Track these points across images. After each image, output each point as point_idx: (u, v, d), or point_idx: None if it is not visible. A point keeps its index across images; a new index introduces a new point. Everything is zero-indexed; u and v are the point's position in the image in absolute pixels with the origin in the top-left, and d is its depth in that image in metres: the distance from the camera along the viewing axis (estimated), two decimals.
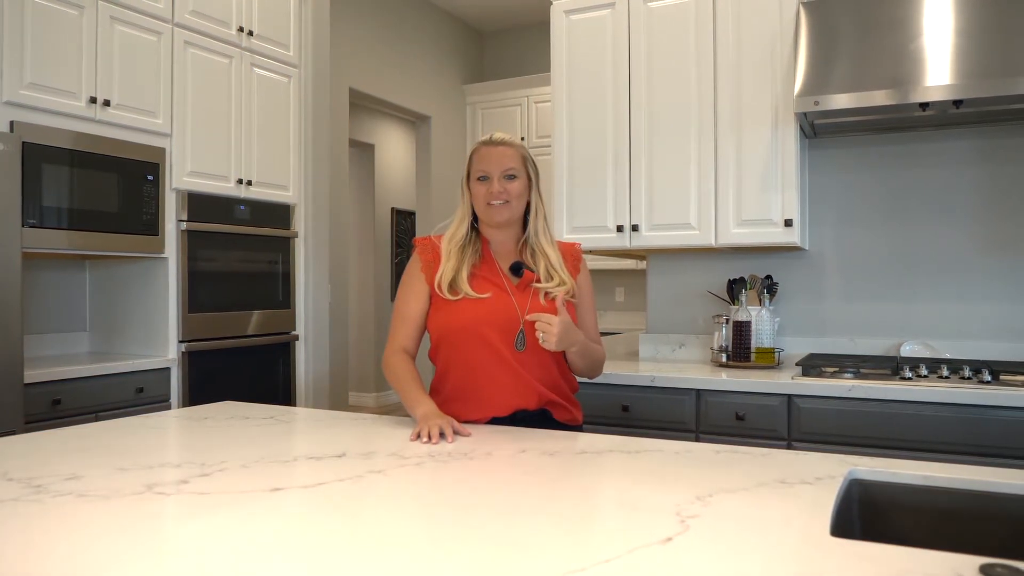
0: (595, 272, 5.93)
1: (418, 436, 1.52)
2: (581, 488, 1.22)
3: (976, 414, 2.23)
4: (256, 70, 3.83)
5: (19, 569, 0.83)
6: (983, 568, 0.81)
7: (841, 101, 2.52)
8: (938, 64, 2.43)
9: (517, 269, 1.80)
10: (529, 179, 1.84)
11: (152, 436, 1.57)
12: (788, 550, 0.88)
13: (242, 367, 3.72)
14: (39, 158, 2.86)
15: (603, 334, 4.40)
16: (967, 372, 2.39)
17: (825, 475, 1.22)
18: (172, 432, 1.61)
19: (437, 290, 1.73)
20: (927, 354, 2.80)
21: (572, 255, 1.90)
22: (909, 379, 2.39)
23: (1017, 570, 0.81)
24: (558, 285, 1.79)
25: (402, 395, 1.71)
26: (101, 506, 1.06)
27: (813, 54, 2.61)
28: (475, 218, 1.84)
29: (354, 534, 0.96)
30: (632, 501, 1.10)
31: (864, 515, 1.26)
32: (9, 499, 1.09)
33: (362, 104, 5.99)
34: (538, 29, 6.59)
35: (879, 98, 2.47)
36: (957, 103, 2.46)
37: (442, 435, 1.51)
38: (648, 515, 1.02)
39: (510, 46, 7.00)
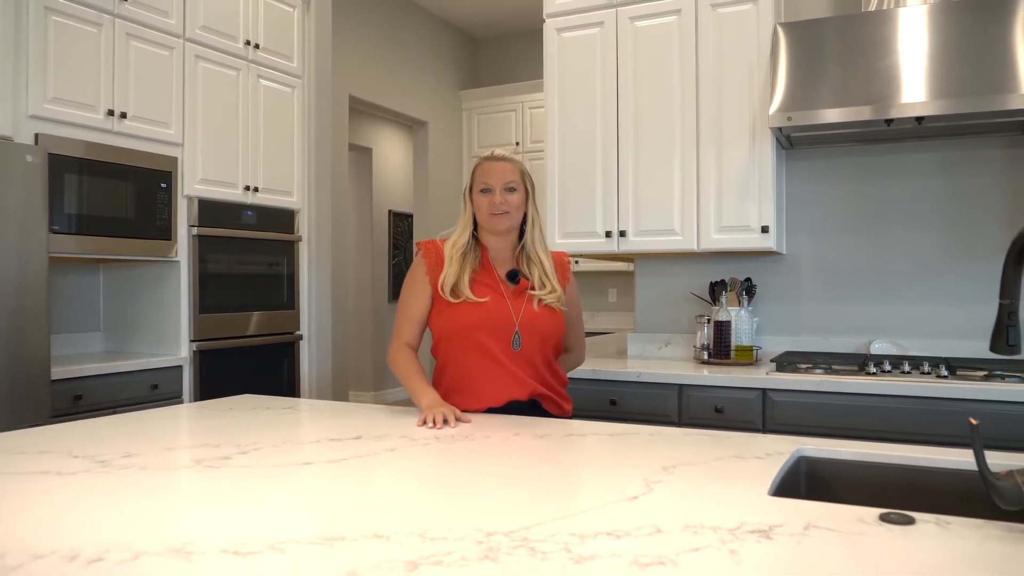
0: (589, 274, 6.16)
1: (424, 422, 1.71)
2: (566, 462, 1.41)
3: (933, 406, 2.44)
4: (262, 81, 4.02)
5: (107, 521, 1.02)
6: (881, 516, 1.02)
7: (812, 117, 2.72)
8: (902, 84, 2.64)
9: (514, 276, 1.99)
10: (526, 192, 2.03)
11: (186, 424, 1.77)
12: (729, 504, 1.08)
13: (249, 365, 3.91)
14: (61, 168, 3.05)
15: (596, 333, 4.60)
16: (927, 368, 2.60)
17: (775, 452, 1.42)
18: (204, 420, 1.80)
19: (440, 292, 1.92)
20: (895, 351, 3.01)
21: (561, 266, 2.09)
22: (874, 374, 2.60)
23: (907, 516, 1.01)
24: (549, 292, 1.99)
25: (407, 386, 1.90)
26: (161, 476, 1.26)
27: (788, 72, 2.81)
28: (475, 227, 2.02)
29: (376, 495, 1.15)
30: (607, 471, 1.30)
31: (809, 486, 1.46)
32: (82, 471, 1.28)
33: (361, 109, 6.18)
34: (532, 36, 6.77)
35: (847, 115, 2.67)
36: (919, 119, 2.67)
37: (445, 421, 1.71)
38: (620, 481, 1.22)
39: (505, 53, 7.20)
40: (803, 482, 1.46)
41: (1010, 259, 1.10)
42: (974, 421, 0.99)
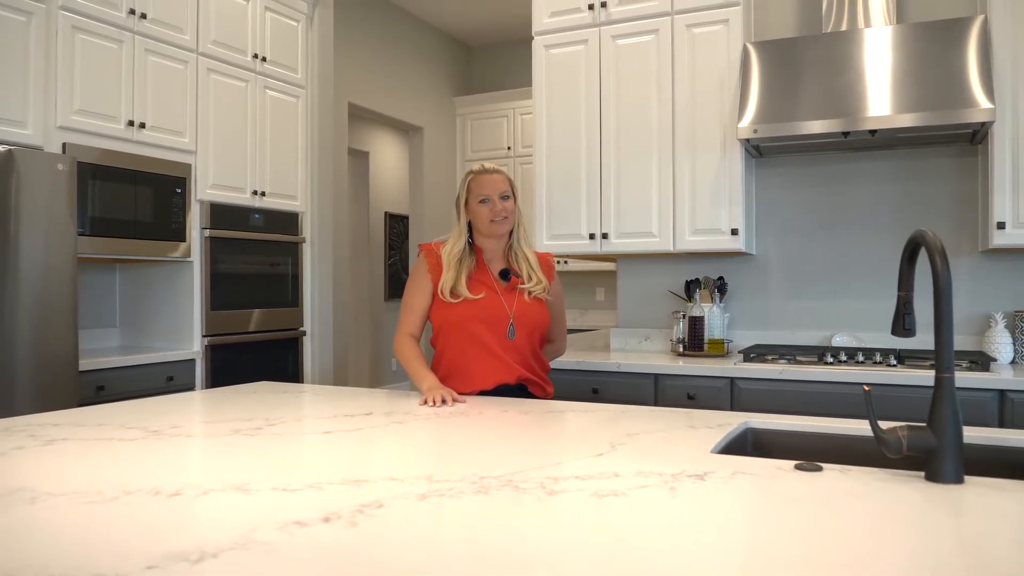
0: (578, 273, 6.43)
1: (425, 402, 1.96)
2: (546, 430, 1.67)
3: (884, 392, 2.70)
4: (269, 92, 4.26)
5: (174, 470, 1.27)
6: (796, 465, 1.27)
7: (777, 129, 2.98)
8: (861, 98, 2.90)
9: (505, 275, 2.25)
10: (515, 198, 2.29)
11: (217, 404, 2.01)
12: (675, 458, 1.34)
13: (256, 359, 4.15)
14: (86, 175, 3.29)
15: (584, 331, 4.84)
16: (879, 358, 2.87)
17: (725, 423, 1.68)
18: (231, 401, 2.05)
19: (440, 295, 2.18)
20: (854, 344, 3.27)
21: (546, 264, 2.35)
22: (831, 364, 2.87)
23: (816, 465, 1.27)
24: (536, 284, 2.25)
25: (410, 371, 2.15)
26: (207, 441, 1.51)
27: (755, 87, 3.07)
28: (470, 233, 2.28)
29: (388, 453, 1.41)
30: (580, 436, 1.56)
31: (755, 453, 1.71)
32: (139, 438, 1.53)
33: (359, 115, 6.42)
34: (523, 45, 6.99)
35: (806, 128, 2.94)
36: (872, 132, 2.93)
37: (444, 401, 1.96)
38: (589, 443, 1.48)
39: (497, 61, 7.45)
40: (749, 449, 1.71)
41: (904, 258, 1.36)
42: (867, 388, 1.24)
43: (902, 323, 1.37)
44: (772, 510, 1.07)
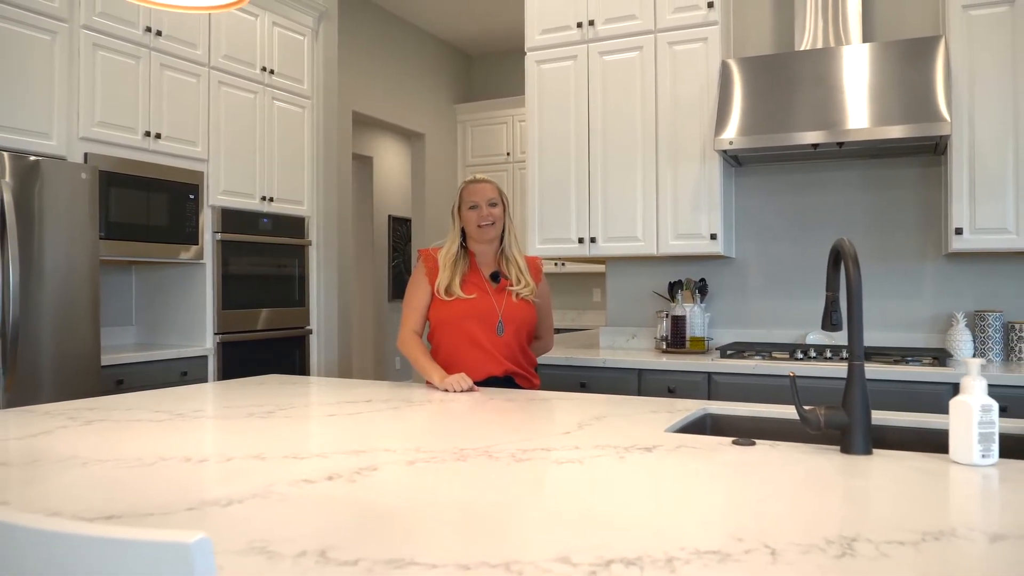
0: (576, 275, 6.66)
1: (446, 389, 2.18)
2: (525, 414, 1.88)
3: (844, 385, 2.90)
4: (276, 103, 4.49)
5: (200, 443, 1.49)
6: (733, 441, 1.48)
7: (750, 142, 3.19)
8: (828, 113, 3.11)
9: (495, 277, 2.47)
10: (504, 206, 2.50)
11: (232, 393, 2.23)
12: (631, 435, 1.55)
13: (265, 356, 4.37)
14: (106, 182, 3.51)
15: (580, 330, 5.04)
16: (845, 354, 3.07)
17: (685, 409, 1.89)
18: (245, 390, 2.27)
19: (437, 293, 2.40)
20: (826, 341, 3.48)
21: (534, 266, 2.56)
22: (801, 359, 3.08)
23: (751, 440, 1.48)
24: (524, 287, 2.46)
25: (418, 366, 2.37)
26: (224, 422, 1.72)
27: (731, 102, 3.28)
28: (463, 238, 2.49)
29: (384, 431, 1.62)
30: (553, 418, 1.77)
31: (711, 434, 1.92)
32: (166, 420, 1.75)
33: (362, 121, 6.64)
34: (522, 54, 7.22)
35: (777, 140, 3.14)
36: (840, 144, 3.13)
37: (462, 389, 2.19)
38: (560, 424, 1.69)
39: (496, 69, 7.67)
40: (707, 431, 1.92)
41: (830, 263, 1.56)
42: (792, 374, 1.45)
43: (829, 319, 1.58)
44: (704, 473, 1.28)
